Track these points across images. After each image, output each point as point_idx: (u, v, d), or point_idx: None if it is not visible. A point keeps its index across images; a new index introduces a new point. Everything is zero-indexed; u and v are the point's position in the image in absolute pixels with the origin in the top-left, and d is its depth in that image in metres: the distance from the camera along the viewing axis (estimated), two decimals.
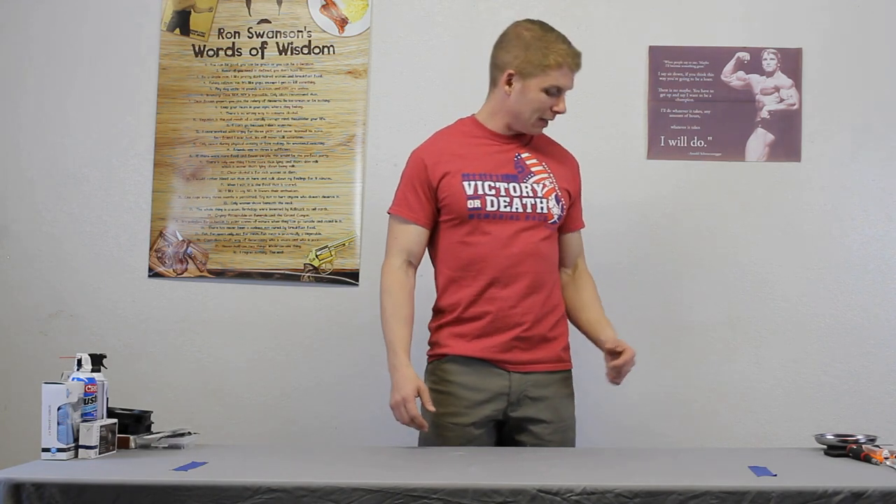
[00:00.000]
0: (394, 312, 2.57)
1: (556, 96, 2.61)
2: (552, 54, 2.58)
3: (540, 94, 2.60)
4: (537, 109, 2.61)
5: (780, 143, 3.25)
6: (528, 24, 2.66)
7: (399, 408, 2.49)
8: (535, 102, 2.60)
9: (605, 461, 2.40)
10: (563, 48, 2.60)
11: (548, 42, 2.60)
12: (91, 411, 2.28)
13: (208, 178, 3.34)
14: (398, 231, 2.64)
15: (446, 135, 2.71)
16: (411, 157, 2.67)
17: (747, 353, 3.23)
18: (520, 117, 2.64)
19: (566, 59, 2.59)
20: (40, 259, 3.35)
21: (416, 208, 2.62)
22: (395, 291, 2.59)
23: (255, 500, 1.93)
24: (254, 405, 3.29)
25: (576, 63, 2.62)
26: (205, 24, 3.36)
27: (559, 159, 2.75)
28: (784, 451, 2.44)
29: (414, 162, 2.65)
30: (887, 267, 3.22)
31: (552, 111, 2.63)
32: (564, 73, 2.60)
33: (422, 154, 2.65)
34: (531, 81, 2.59)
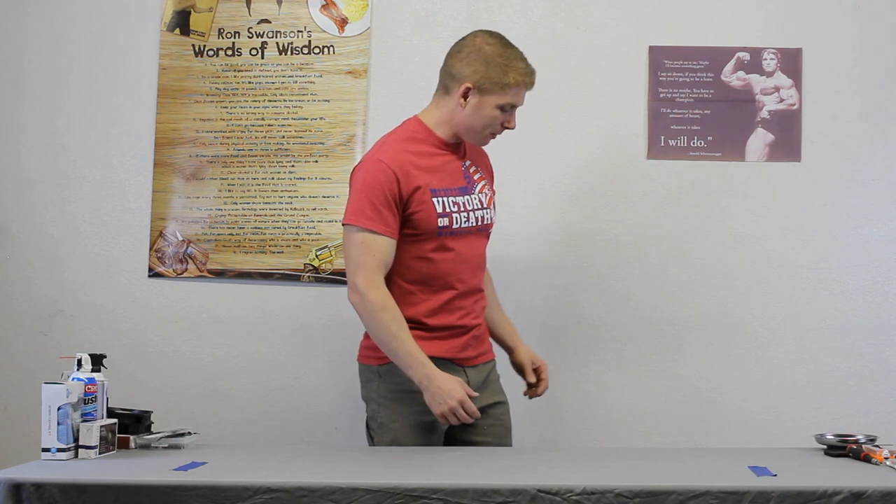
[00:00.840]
0: (401, 326, 2.53)
1: (509, 113, 2.63)
2: (512, 72, 2.59)
3: (495, 111, 2.60)
4: (490, 125, 2.62)
5: (780, 143, 3.25)
6: (489, 37, 2.63)
7: (458, 411, 2.50)
8: (488, 118, 2.61)
9: (605, 461, 2.40)
10: (522, 66, 2.61)
11: (508, 59, 2.60)
12: (91, 411, 2.29)
13: (208, 178, 3.34)
14: (374, 245, 2.53)
15: (405, 142, 2.62)
16: (376, 166, 2.54)
17: (747, 353, 3.23)
18: (471, 131, 2.64)
19: (524, 78, 2.61)
20: (40, 259, 3.35)
21: (390, 222, 2.53)
22: (391, 307, 2.53)
23: (255, 500, 1.94)
24: (254, 405, 3.29)
25: (532, 82, 2.65)
26: (205, 24, 3.36)
27: (481, 157, 2.80)
28: (784, 451, 2.44)
29: (382, 172, 2.53)
30: (887, 267, 3.22)
31: (503, 127, 2.64)
32: (521, 92, 2.63)
33: (391, 165, 2.54)
34: (488, 98, 2.59)
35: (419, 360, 2.51)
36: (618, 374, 3.25)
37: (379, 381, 2.65)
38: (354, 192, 2.57)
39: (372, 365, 2.66)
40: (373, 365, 2.66)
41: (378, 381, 2.65)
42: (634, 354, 3.24)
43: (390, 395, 2.63)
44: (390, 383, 2.62)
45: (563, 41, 3.30)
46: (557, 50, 3.29)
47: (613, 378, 3.25)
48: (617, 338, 3.25)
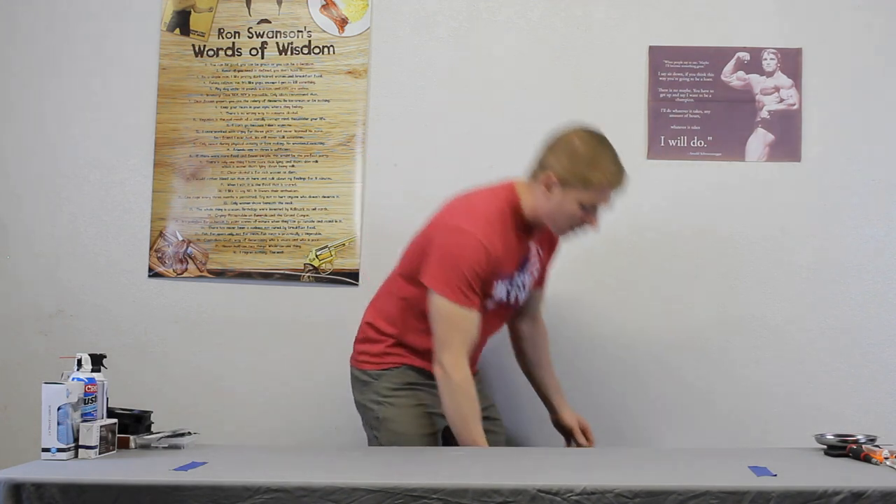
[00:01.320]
0: (475, 413, 2.56)
1: (591, 212, 2.61)
2: (598, 173, 2.56)
3: (576, 208, 2.58)
4: (569, 221, 2.61)
5: (780, 143, 3.25)
6: (585, 133, 2.62)
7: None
8: (569, 214, 2.59)
9: (605, 461, 2.40)
10: (611, 168, 2.58)
11: (596, 158, 2.57)
12: (91, 411, 2.29)
13: (208, 178, 3.34)
14: (464, 322, 2.55)
15: (499, 224, 2.60)
16: (475, 246, 2.53)
17: (747, 353, 3.23)
18: (553, 223, 2.64)
19: (610, 179, 2.58)
20: (40, 259, 3.35)
21: (476, 298, 2.56)
22: (470, 391, 2.56)
23: (255, 500, 1.93)
24: (253, 405, 3.29)
25: (620, 183, 2.60)
26: (205, 24, 3.36)
27: (550, 243, 2.84)
28: (784, 451, 2.44)
29: (479, 254, 2.53)
30: (887, 267, 3.22)
31: (588, 225, 2.63)
32: (605, 193, 2.59)
33: (489, 249, 2.54)
34: (570, 193, 2.57)
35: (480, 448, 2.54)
36: (618, 373, 3.25)
37: (378, 382, 2.70)
38: (448, 260, 2.54)
39: (372, 370, 2.71)
40: (373, 370, 2.70)
41: (377, 382, 2.70)
42: (634, 354, 3.24)
43: (390, 391, 2.68)
44: (390, 382, 2.67)
45: (563, 41, 3.30)
46: (557, 50, 3.29)
47: (613, 378, 3.25)
48: (616, 337, 3.25)
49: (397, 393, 2.69)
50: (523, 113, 3.29)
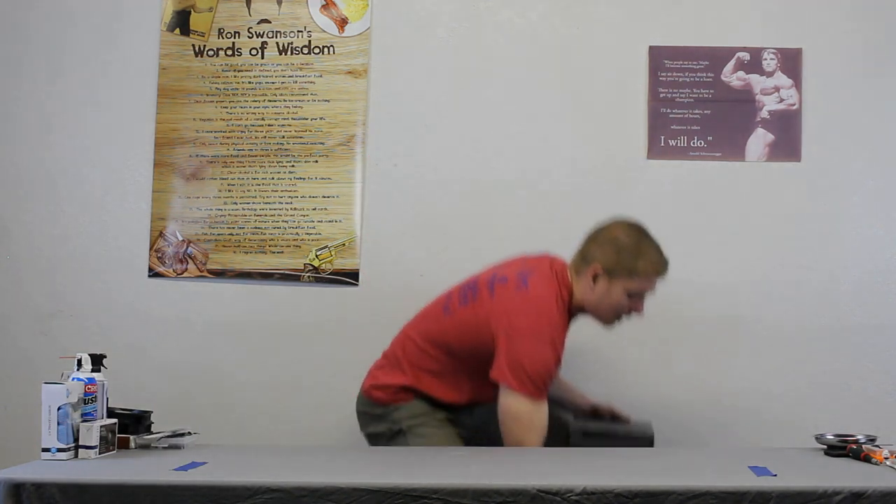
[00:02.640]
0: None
1: (636, 299, 2.68)
2: (643, 261, 2.64)
3: (623, 297, 2.66)
4: (616, 309, 2.68)
5: (780, 143, 3.25)
6: (627, 226, 2.70)
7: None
8: (616, 303, 2.67)
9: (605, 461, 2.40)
10: (655, 257, 2.66)
11: (640, 248, 2.66)
12: (91, 411, 2.29)
13: (208, 178, 3.34)
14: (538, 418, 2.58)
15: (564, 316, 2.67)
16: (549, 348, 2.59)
17: (747, 353, 3.23)
18: (599, 313, 2.71)
19: (657, 269, 2.66)
20: (40, 259, 3.35)
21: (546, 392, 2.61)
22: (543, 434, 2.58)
23: (255, 500, 1.93)
24: (254, 405, 3.29)
25: (664, 271, 2.68)
26: (205, 24, 3.36)
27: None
28: (784, 451, 2.44)
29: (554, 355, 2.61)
30: (887, 267, 3.22)
31: (633, 312, 2.70)
32: (653, 282, 2.67)
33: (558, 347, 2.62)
34: (617, 283, 2.65)
35: None
36: (618, 373, 3.25)
37: (395, 412, 2.75)
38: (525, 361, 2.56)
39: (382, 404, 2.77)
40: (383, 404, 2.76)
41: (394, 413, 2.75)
42: (634, 354, 3.24)
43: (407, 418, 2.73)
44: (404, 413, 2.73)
45: (563, 41, 3.30)
46: (557, 50, 3.29)
47: (614, 377, 3.25)
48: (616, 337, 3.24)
49: (418, 418, 2.73)
50: (523, 113, 3.29)
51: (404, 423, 2.73)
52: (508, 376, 2.55)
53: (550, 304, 2.62)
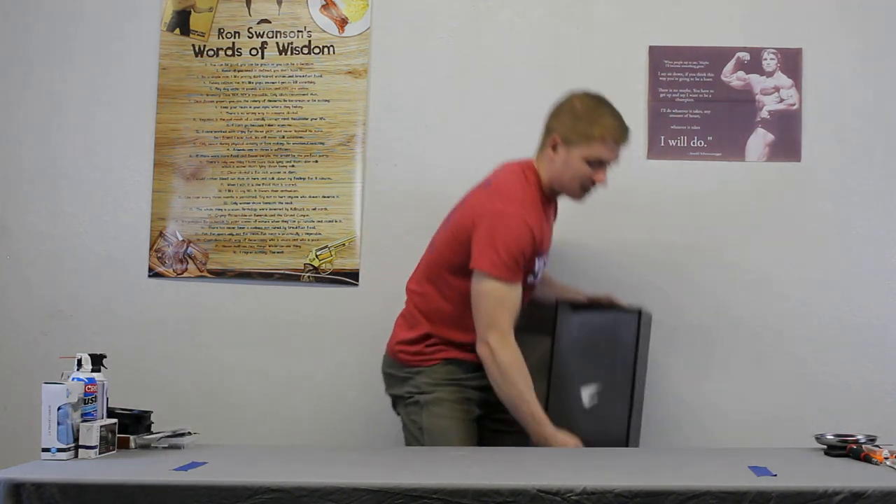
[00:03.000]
0: (528, 386, 2.63)
1: (598, 168, 2.69)
2: (598, 126, 2.67)
3: (582, 164, 2.68)
4: (578, 178, 2.70)
5: (780, 143, 3.25)
6: (585, 96, 2.74)
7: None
8: (576, 171, 2.69)
9: (605, 461, 2.40)
10: (611, 122, 2.69)
11: (597, 115, 2.68)
12: (91, 411, 2.29)
13: (208, 178, 3.34)
14: (509, 299, 2.63)
15: (535, 199, 2.72)
16: (519, 224, 2.63)
17: (747, 353, 3.23)
18: (562, 184, 2.73)
19: (612, 133, 2.68)
20: (40, 259, 3.35)
21: (520, 274, 2.65)
22: (521, 365, 2.63)
23: (255, 500, 1.93)
24: (253, 405, 3.29)
25: (622, 137, 2.70)
26: (205, 24, 3.36)
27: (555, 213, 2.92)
28: (784, 451, 2.44)
29: (524, 231, 2.63)
30: (887, 267, 3.22)
31: (596, 182, 2.71)
32: (609, 147, 2.68)
33: (534, 231, 2.65)
34: (575, 150, 2.68)
35: (539, 421, 2.61)
36: None
37: (417, 377, 2.76)
38: (497, 243, 2.61)
39: (411, 366, 2.78)
40: (409, 366, 2.78)
41: (416, 378, 2.76)
42: None
43: (430, 386, 2.74)
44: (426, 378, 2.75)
45: (563, 41, 3.30)
46: (557, 50, 3.29)
47: None
48: None
49: (437, 386, 2.75)
50: (523, 113, 3.28)
51: (423, 395, 2.75)
52: (479, 261, 2.62)
53: (514, 186, 2.70)
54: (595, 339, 2.82)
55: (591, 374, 2.77)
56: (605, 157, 2.69)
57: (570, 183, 2.72)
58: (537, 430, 2.61)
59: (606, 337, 2.83)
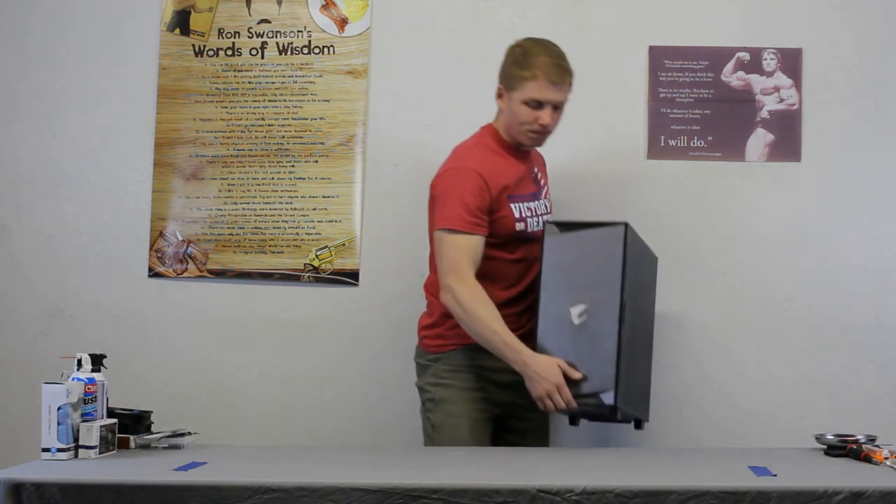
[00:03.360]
0: (495, 318, 2.59)
1: (538, 109, 2.67)
2: (530, 67, 2.65)
3: (522, 108, 2.67)
4: (522, 122, 2.68)
5: (780, 143, 3.25)
6: (526, 41, 2.74)
7: (554, 394, 2.52)
8: (518, 115, 2.68)
9: (605, 461, 2.40)
10: (544, 60, 2.66)
11: (531, 56, 2.67)
12: (91, 411, 2.29)
13: (208, 178, 3.34)
14: (465, 244, 2.62)
15: (487, 151, 2.73)
16: (467, 174, 2.65)
17: (747, 353, 3.23)
18: (511, 130, 2.73)
19: (543, 71, 2.64)
20: (40, 259, 3.35)
21: (481, 222, 2.64)
22: (483, 298, 2.59)
23: (255, 500, 1.94)
24: (253, 405, 3.29)
25: (557, 75, 2.67)
26: (205, 24, 3.36)
27: (542, 161, 2.94)
28: (784, 451, 2.44)
29: (472, 178, 2.64)
30: (887, 267, 3.22)
31: (539, 124, 2.68)
32: (543, 86, 2.65)
33: (481, 173, 2.65)
34: (514, 95, 2.68)
35: (515, 349, 2.56)
36: None
37: (436, 364, 2.76)
38: (446, 198, 2.65)
39: (431, 353, 2.78)
40: (432, 353, 2.78)
41: (434, 365, 2.77)
42: None
43: (447, 372, 2.74)
44: (447, 364, 2.74)
45: (563, 41, 3.29)
46: None
47: None
48: None
49: (454, 375, 2.74)
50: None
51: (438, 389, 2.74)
52: (434, 223, 2.66)
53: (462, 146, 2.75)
54: (582, 258, 2.70)
55: (579, 293, 2.63)
56: (541, 96, 2.66)
57: (518, 129, 2.71)
58: (514, 357, 2.56)
59: (594, 254, 2.70)
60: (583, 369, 2.57)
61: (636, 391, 2.77)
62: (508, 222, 2.70)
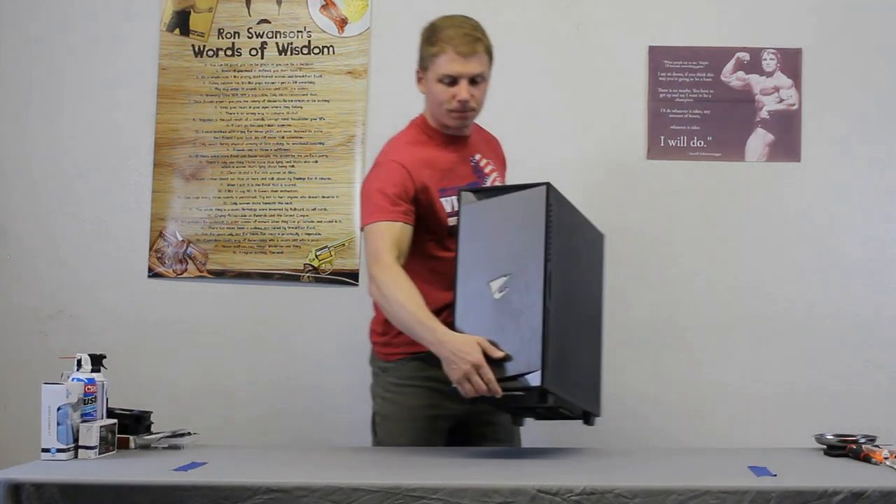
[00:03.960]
0: (409, 297, 2.36)
1: (453, 85, 2.52)
2: (437, 42, 2.52)
3: (437, 86, 2.53)
4: (440, 102, 2.54)
5: (780, 143, 3.25)
6: (435, 20, 2.59)
7: (473, 376, 2.23)
8: (436, 95, 2.54)
9: (605, 461, 2.40)
10: (450, 33, 2.51)
11: (437, 31, 2.54)
12: (91, 411, 2.29)
13: (208, 178, 3.34)
14: (386, 230, 2.45)
15: (412, 145, 2.60)
16: (386, 167, 2.53)
17: (747, 353, 3.23)
18: (434, 114, 2.60)
19: (451, 44, 2.50)
20: (40, 259, 3.35)
21: (404, 209, 2.48)
22: (402, 281, 2.38)
23: (255, 500, 1.93)
24: (253, 405, 3.29)
25: (466, 45, 2.50)
26: (205, 24, 3.36)
27: (491, 146, 2.77)
28: (784, 451, 2.43)
29: (395, 171, 2.50)
30: (887, 267, 3.22)
31: (457, 101, 2.52)
32: (452, 59, 2.50)
33: (402, 163, 2.51)
34: (429, 75, 2.55)
35: (429, 327, 2.31)
36: (617, 373, 3.24)
37: (384, 375, 2.66)
38: (367, 196, 2.54)
39: (382, 361, 2.67)
40: (379, 359, 2.68)
41: (383, 375, 2.67)
42: (634, 354, 3.24)
43: (392, 387, 2.63)
44: (393, 377, 2.63)
45: (563, 41, 3.30)
46: (557, 50, 3.29)
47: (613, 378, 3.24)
48: (616, 338, 3.24)
49: (401, 390, 2.62)
50: (523, 113, 3.29)
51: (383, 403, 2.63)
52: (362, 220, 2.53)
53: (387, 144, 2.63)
54: (502, 225, 2.38)
55: (500, 265, 2.32)
56: (452, 70, 2.50)
57: (439, 110, 2.55)
58: (429, 337, 2.30)
59: (514, 219, 2.37)
60: (506, 348, 2.25)
61: (578, 380, 2.45)
62: (440, 217, 2.54)
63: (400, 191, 2.48)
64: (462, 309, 2.34)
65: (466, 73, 2.52)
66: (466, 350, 2.24)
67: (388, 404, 2.65)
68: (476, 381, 2.22)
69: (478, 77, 2.54)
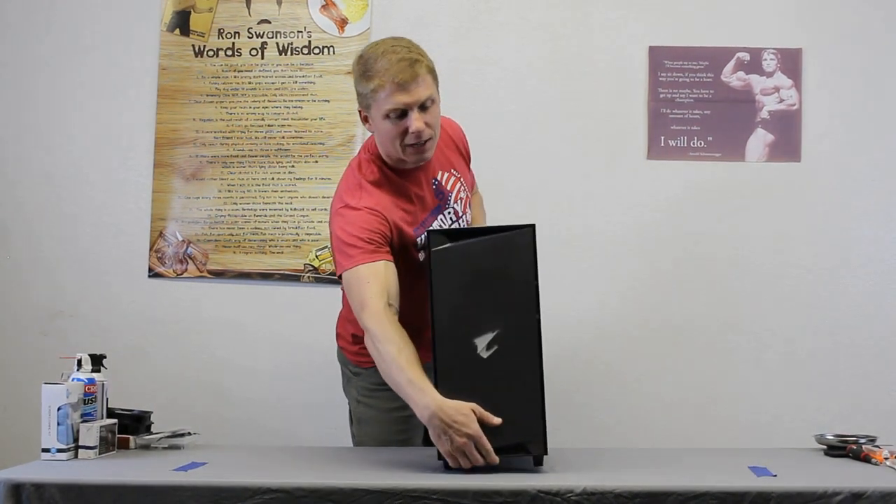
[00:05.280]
0: (402, 353, 2.17)
1: (403, 118, 2.30)
2: (373, 77, 2.28)
3: (385, 123, 2.31)
4: (393, 139, 2.32)
5: (780, 143, 3.25)
6: (366, 48, 2.36)
7: (469, 448, 2.07)
8: (386, 133, 2.32)
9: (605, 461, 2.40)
10: (384, 63, 2.27)
11: (370, 63, 2.30)
12: (91, 411, 2.29)
13: (208, 178, 3.34)
14: (370, 273, 2.26)
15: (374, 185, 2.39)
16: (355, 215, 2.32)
17: (747, 352, 3.23)
18: (388, 152, 2.38)
19: (387, 76, 2.26)
20: (40, 259, 3.35)
21: (376, 248, 2.30)
22: (391, 335, 2.20)
23: (255, 500, 1.93)
24: (254, 405, 3.29)
25: (405, 73, 2.27)
26: (205, 24, 3.36)
27: (452, 147, 2.58)
28: (784, 451, 2.44)
29: (364, 217, 2.32)
30: (887, 267, 3.22)
31: (410, 133, 2.31)
32: (394, 91, 2.27)
33: (371, 207, 2.33)
34: (374, 113, 2.32)
35: (420, 388, 2.12)
36: (618, 374, 3.25)
37: (356, 379, 2.63)
38: (339, 244, 2.34)
39: (351, 363, 2.63)
40: (351, 363, 2.63)
41: (356, 379, 2.63)
42: (634, 355, 3.24)
43: (366, 392, 2.59)
44: (366, 382, 2.59)
45: (563, 41, 3.30)
46: (557, 50, 3.29)
47: (613, 378, 3.25)
48: (616, 338, 3.25)
49: (375, 394, 2.56)
50: (523, 113, 3.29)
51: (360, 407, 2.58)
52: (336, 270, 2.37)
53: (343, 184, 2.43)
54: (483, 273, 2.15)
55: (484, 319, 2.12)
56: (397, 103, 2.27)
57: (391, 146, 2.33)
58: (419, 398, 2.10)
59: (497, 267, 2.15)
60: (501, 412, 2.09)
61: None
62: (412, 254, 2.40)
63: (374, 228, 2.32)
64: (444, 370, 2.13)
65: (413, 102, 2.29)
66: (462, 421, 2.07)
67: (363, 408, 2.62)
68: (472, 455, 2.07)
69: (427, 101, 2.31)
